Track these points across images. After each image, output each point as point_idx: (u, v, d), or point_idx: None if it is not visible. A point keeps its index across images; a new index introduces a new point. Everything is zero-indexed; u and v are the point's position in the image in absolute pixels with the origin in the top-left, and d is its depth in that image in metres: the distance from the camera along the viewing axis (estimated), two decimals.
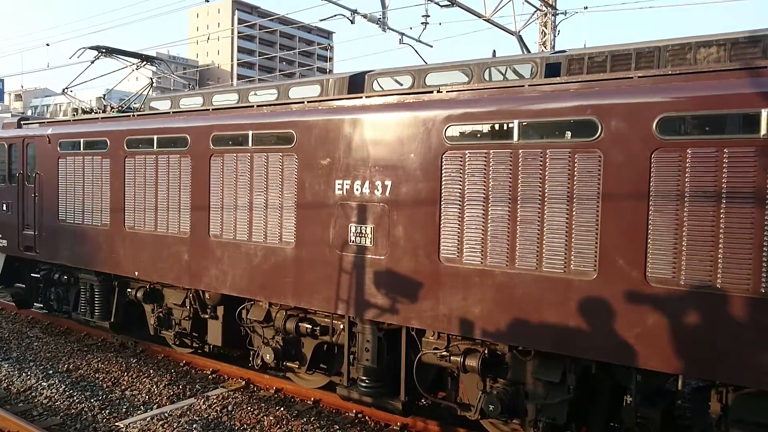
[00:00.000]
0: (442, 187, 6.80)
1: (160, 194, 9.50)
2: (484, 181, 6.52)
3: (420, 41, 17.53)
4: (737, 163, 5.22)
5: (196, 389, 9.25)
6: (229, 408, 8.44)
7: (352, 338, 7.94)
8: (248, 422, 7.99)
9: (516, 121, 6.33)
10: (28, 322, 13.04)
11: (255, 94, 9.32)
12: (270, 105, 8.49)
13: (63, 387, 9.12)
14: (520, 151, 6.31)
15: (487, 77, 7.21)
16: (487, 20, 16.59)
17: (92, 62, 12.12)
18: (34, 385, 9.22)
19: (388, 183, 7.20)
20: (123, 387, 9.26)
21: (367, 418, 8.24)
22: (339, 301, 7.66)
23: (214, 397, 8.82)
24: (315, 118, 7.83)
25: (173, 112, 9.60)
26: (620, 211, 5.74)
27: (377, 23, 15.79)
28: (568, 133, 6.03)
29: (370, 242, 7.36)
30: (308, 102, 8.07)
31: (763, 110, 5.11)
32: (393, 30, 16.76)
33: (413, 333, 7.40)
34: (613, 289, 5.80)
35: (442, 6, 15.77)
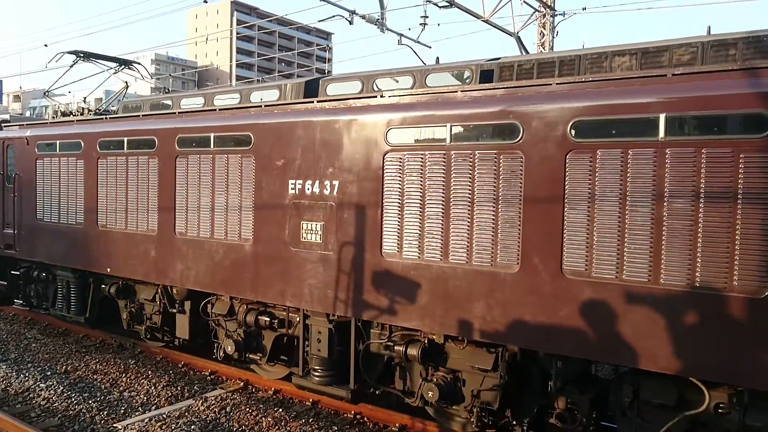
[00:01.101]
0: (384, 186, 7.23)
1: (130, 194, 9.94)
2: (421, 181, 6.95)
3: (418, 42, 17.64)
4: (639, 163, 5.65)
5: (194, 390, 9.28)
6: (228, 409, 8.46)
7: (306, 330, 8.37)
8: (247, 423, 8.02)
9: (448, 125, 6.76)
10: (26, 323, 13.08)
11: (219, 98, 9.74)
12: (231, 108, 8.92)
13: (61, 388, 9.15)
14: (452, 152, 6.73)
15: (429, 82, 7.63)
16: (486, 21, 16.64)
17: (71, 66, 12.54)
18: (32, 387, 9.26)
19: (336, 183, 7.63)
20: (121, 388, 9.30)
21: (365, 419, 8.25)
22: (293, 295, 8.09)
23: (213, 398, 8.84)
24: (270, 121, 8.26)
25: (143, 115, 10.03)
26: (539, 209, 6.17)
27: (376, 24, 15.90)
28: (494, 136, 6.46)
29: (320, 239, 7.78)
30: (265, 106, 8.50)
31: (661, 115, 5.53)
32: (391, 31, 16.90)
33: (359, 324, 7.82)
34: (534, 281, 6.23)
35: (440, 7, 15.77)
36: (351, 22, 15.94)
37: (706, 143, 5.35)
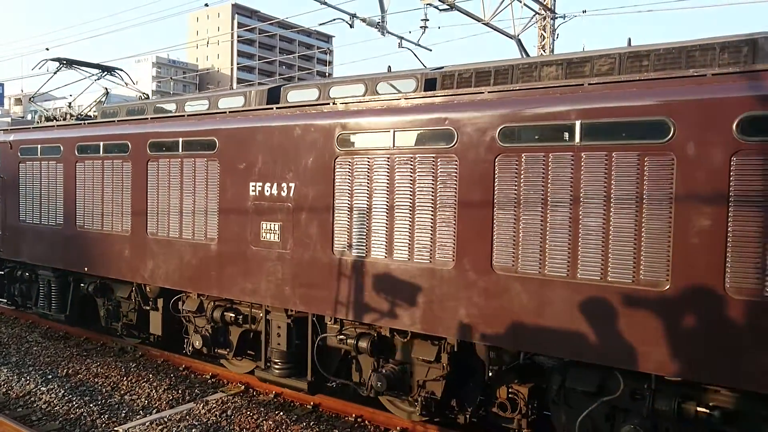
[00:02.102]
0: (335, 188, 7.68)
1: (106, 196, 10.40)
2: (368, 183, 7.40)
3: (419, 45, 17.68)
4: (559, 166, 6.08)
5: (195, 394, 9.28)
6: (229, 412, 8.46)
7: (269, 325, 8.81)
8: (248, 426, 8.04)
9: (392, 131, 7.20)
10: (27, 326, 13.11)
11: (190, 104, 10.19)
12: (198, 114, 9.37)
13: (62, 392, 9.16)
14: (395, 157, 7.18)
15: (379, 90, 8.07)
16: (486, 24, 16.59)
17: (54, 73, 13.02)
18: (33, 390, 9.27)
19: (293, 185, 8.08)
20: (122, 391, 9.32)
21: (366, 422, 8.27)
22: (254, 292, 8.53)
23: (214, 401, 8.83)
24: (233, 127, 8.72)
25: (117, 120, 10.50)
26: (472, 210, 6.60)
27: (376, 27, 15.90)
28: (432, 141, 6.90)
29: (278, 238, 8.23)
30: (229, 112, 8.96)
31: (577, 122, 5.97)
32: (392, 34, 16.94)
33: (314, 319, 8.26)
34: (467, 277, 6.66)
35: (441, 10, 15.66)
36: (351, 26, 16.10)
37: (616, 148, 5.78)
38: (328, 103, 7.92)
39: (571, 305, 6.05)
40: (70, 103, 13.58)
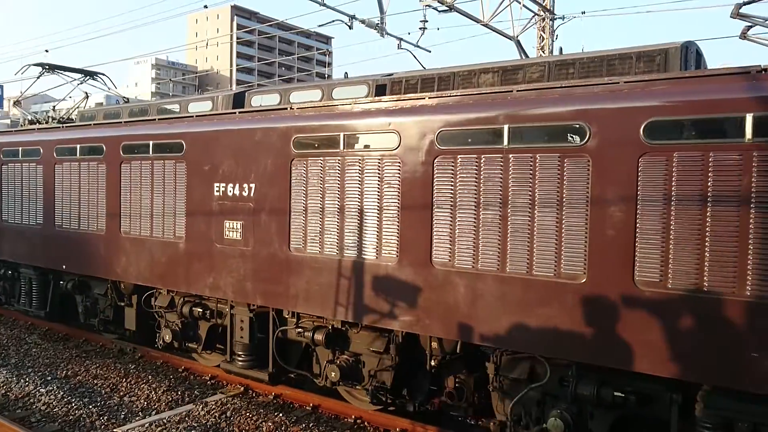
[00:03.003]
0: (291, 188, 8.10)
1: (83, 196, 10.83)
2: (321, 184, 7.82)
3: (418, 46, 17.73)
4: (490, 168, 6.50)
5: (194, 395, 9.27)
6: (228, 414, 8.45)
7: (233, 319, 9.23)
8: (247, 428, 8.04)
9: (342, 134, 7.62)
10: (26, 328, 13.10)
11: (163, 108, 10.62)
12: (168, 118, 9.80)
13: (61, 393, 9.15)
14: (346, 159, 7.60)
15: (334, 95, 8.50)
16: (486, 25, 16.50)
17: (38, 77, 13.45)
18: (33, 392, 9.25)
19: (253, 185, 8.50)
20: (121, 393, 9.30)
21: (366, 423, 8.28)
22: (218, 287, 8.95)
23: (213, 402, 8.82)
24: (199, 130, 9.15)
25: (93, 124, 10.93)
26: (414, 209, 7.02)
27: (375, 28, 15.89)
28: (378, 144, 7.32)
29: (240, 236, 8.65)
30: (196, 116, 9.38)
31: (505, 126, 6.39)
32: (391, 35, 16.97)
33: (274, 313, 8.68)
34: (408, 271, 7.08)
35: (440, 11, 15.58)
36: (351, 27, 16.16)
37: (539, 150, 6.20)
38: (286, 108, 8.34)
39: (501, 297, 6.46)
40: (54, 107, 14.01)
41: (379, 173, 7.33)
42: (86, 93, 13.40)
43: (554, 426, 6.38)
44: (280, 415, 8.45)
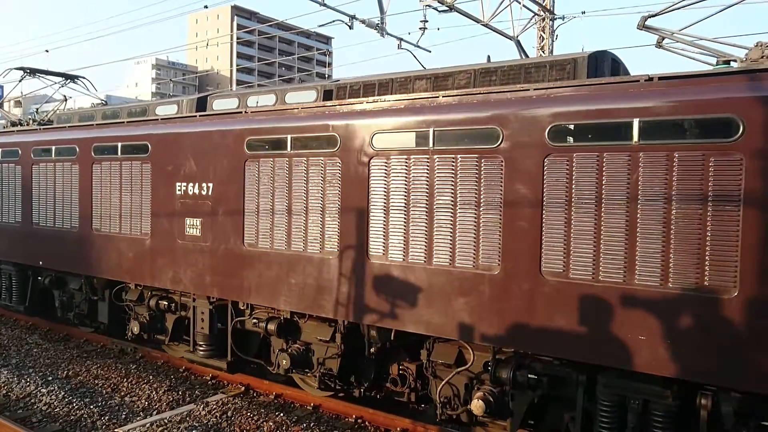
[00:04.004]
0: (245, 187, 8.63)
1: (58, 195, 11.37)
2: (271, 182, 8.34)
3: (418, 46, 17.80)
4: (418, 168, 7.02)
5: (195, 395, 9.33)
6: (229, 414, 8.50)
7: (195, 311, 9.76)
8: (248, 428, 8.08)
9: (289, 136, 8.15)
10: (27, 328, 13.22)
11: (132, 110, 11.16)
12: (135, 121, 10.33)
13: (62, 393, 9.19)
14: (293, 159, 8.12)
15: (287, 100, 9.02)
16: (486, 25, 16.56)
17: (20, 81, 13.98)
18: (34, 392, 9.29)
19: (211, 185, 9.03)
20: (122, 393, 9.36)
21: (366, 423, 8.35)
22: (180, 281, 9.48)
23: (214, 402, 8.88)
24: (163, 132, 9.68)
25: (68, 126, 11.46)
26: (352, 206, 7.54)
27: (376, 29, 15.92)
28: (321, 146, 7.84)
29: (199, 232, 9.18)
30: (160, 119, 9.91)
31: (430, 129, 6.91)
32: (391, 35, 17.04)
33: (230, 304, 9.21)
34: (348, 264, 7.60)
35: (440, 11, 15.60)
36: (351, 27, 16.26)
37: (459, 151, 6.72)
38: (240, 112, 8.87)
39: (428, 288, 6.98)
40: (37, 109, 14.54)
41: (322, 173, 7.85)
42: (65, 96, 13.93)
43: (476, 407, 6.89)
44: (281, 414, 8.52)
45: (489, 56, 7.66)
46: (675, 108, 5.55)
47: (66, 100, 13.88)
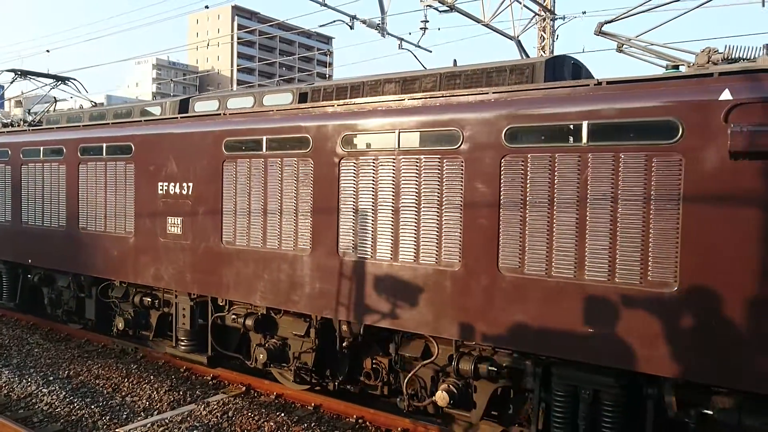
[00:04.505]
0: (223, 187, 8.90)
1: (46, 195, 11.66)
2: (248, 182, 8.61)
3: (419, 46, 17.75)
4: (385, 168, 7.29)
5: (196, 395, 9.33)
6: (230, 414, 8.49)
7: (177, 307, 10.03)
8: (249, 428, 8.08)
9: (264, 137, 8.42)
10: (28, 328, 13.21)
11: (118, 112, 11.43)
12: (120, 122, 10.61)
13: (63, 393, 9.18)
14: (268, 159, 8.40)
15: (265, 102, 9.28)
16: (486, 25, 16.51)
17: (11, 83, 14.26)
18: (35, 392, 9.30)
19: (191, 184, 9.30)
20: (123, 393, 9.36)
21: (367, 423, 8.35)
22: (163, 278, 9.76)
23: (215, 402, 8.87)
24: (146, 133, 9.95)
25: (56, 128, 11.74)
26: (324, 205, 7.81)
27: (376, 29, 15.88)
28: (294, 147, 8.11)
29: (180, 230, 9.46)
30: (144, 121, 10.19)
31: (396, 131, 7.18)
32: (392, 35, 17.00)
33: (210, 300, 9.48)
34: (319, 261, 7.87)
35: (440, 11, 15.52)
36: (352, 27, 16.29)
37: (423, 152, 6.99)
38: (219, 114, 9.14)
39: (394, 284, 7.25)
40: (29, 110, 14.82)
41: (295, 173, 8.12)
42: (54, 98, 14.21)
43: (440, 398, 7.16)
44: (282, 414, 8.52)
45: (455, 60, 7.90)
46: (621, 111, 5.81)
47: (56, 101, 14.15)
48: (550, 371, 6.56)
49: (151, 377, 10.06)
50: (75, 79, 14.76)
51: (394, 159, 7.23)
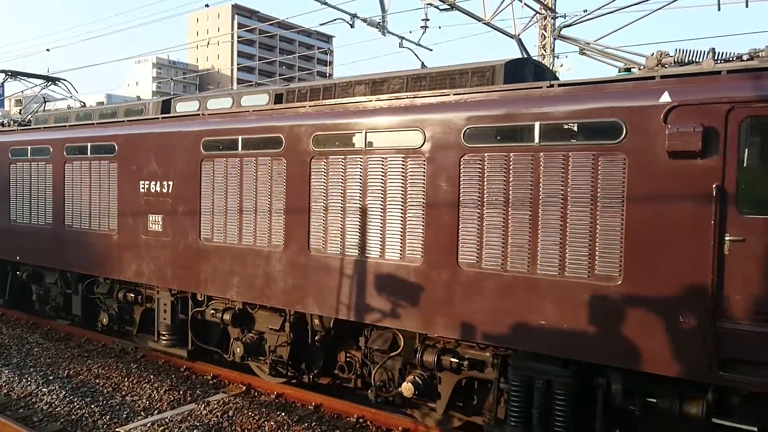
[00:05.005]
0: (201, 185, 9.16)
1: (33, 193, 11.93)
2: (225, 181, 8.88)
3: (420, 45, 17.74)
4: (352, 167, 7.55)
5: (196, 394, 9.32)
6: (230, 413, 8.48)
7: (158, 303, 10.30)
8: (249, 427, 8.06)
9: (240, 137, 8.69)
10: (28, 327, 13.21)
11: (104, 112, 11.69)
12: (103, 122, 10.88)
13: (63, 393, 9.16)
14: (244, 159, 8.66)
15: (242, 103, 9.54)
16: (487, 24, 16.32)
17: (2, 83, 14.53)
18: (35, 391, 9.28)
19: (171, 183, 9.57)
20: (123, 392, 9.34)
21: (368, 423, 8.34)
22: (144, 274, 10.03)
23: (215, 402, 8.86)
24: (128, 133, 10.22)
25: (43, 128, 12.02)
26: (296, 203, 8.08)
27: (377, 27, 15.82)
28: (267, 146, 8.38)
29: (161, 228, 9.72)
30: (126, 121, 10.46)
31: (363, 131, 7.44)
32: (393, 34, 16.99)
33: (190, 296, 9.75)
34: (291, 257, 8.14)
35: (441, 10, 15.30)
36: (352, 26, 16.25)
37: (389, 152, 7.25)
38: (198, 114, 9.41)
39: (361, 279, 7.51)
40: (20, 110, 15.08)
41: (269, 172, 8.38)
42: (44, 98, 14.48)
43: (406, 389, 7.43)
44: (282, 414, 8.52)
45: (423, 63, 8.17)
46: (570, 113, 6.07)
47: (45, 102, 14.42)
48: (507, 362, 6.82)
49: (151, 376, 10.07)
50: (65, 80, 15.03)
51: (361, 158, 7.49)
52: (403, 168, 7.15)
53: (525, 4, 18.36)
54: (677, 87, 5.57)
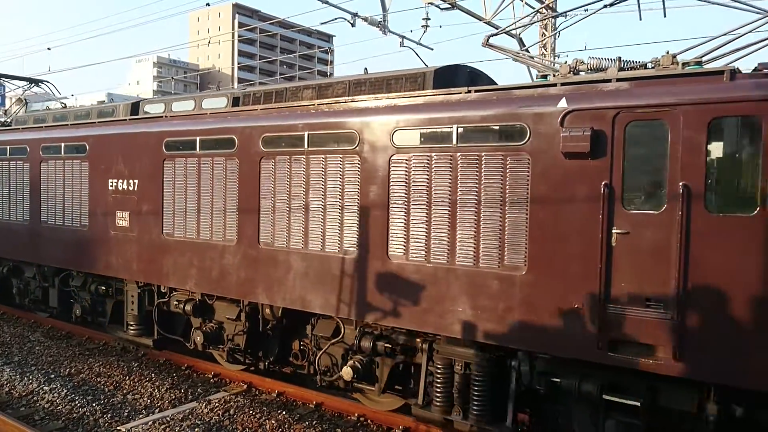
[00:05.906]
0: (164, 183, 9.71)
1: (11, 192, 12.49)
2: (185, 179, 9.43)
3: (420, 44, 17.69)
4: (297, 166, 8.09)
5: (197, 393, 9.39)
6: (231, 412, 8.52)
7: (127, 294, 10.85)
8: (250, 426, 8.10)
9: (198, 138, 9.23)
10: (29, 326, 13.29)
11: (77, 114, 12.25)
12: (77, 124, 11.44)
13: (65, 391, 9.20)
14: (201, 158, 9.21)
15: (204, 105, 10.09)
16: (488, 23, 16.24)
17: None
18: (36, 390, 9.32)
19: (137, 181, 10.12)
20: (125, 391, 9.39)
21: (369, 421, 8.39)
22: (112, 267, 10.58)
23: (216, 400, 8.90)
24: (98, 133, 10.78)
25: (22, 128, 12.58)
26: (248, 200, 8.62)
27: (378, 26, 15.78)
28: (222, 147, 8.92)
29: (128, 223, 10.28)
30: (98, 122, 11.01)
31: (305, 133, 7.98)
32: (393, 33, 16.95)
33: (155, 288, 10.31)
34: (243, 250, 8.69)
35: (442, 9, 15.46)
36: (353, 25, 16.21)
37: (328, 152, 7.80)
38: (162, 116, 9.96)
39: (305, 270, 8.06)
40: (5, 110, 15.64)
41: (223, 172, 8.93)
42: (25, 99, 15.04)
43: (345, 373, 7.98)
44: (283, 413, 8.56)
45: (366, 68, 8.70)
46: (483, 117, 6.60)
47: (26, 103, 14.98)
48: (434, 348, 7.36)
49: (153, 375, 10.14)
50: (48, 82, 15.60)
51: (305, 158, 8.04)
52: (341, 167, 7.69)
53: (525, 3, 18.33)
54: (574, 94, 6.10)
